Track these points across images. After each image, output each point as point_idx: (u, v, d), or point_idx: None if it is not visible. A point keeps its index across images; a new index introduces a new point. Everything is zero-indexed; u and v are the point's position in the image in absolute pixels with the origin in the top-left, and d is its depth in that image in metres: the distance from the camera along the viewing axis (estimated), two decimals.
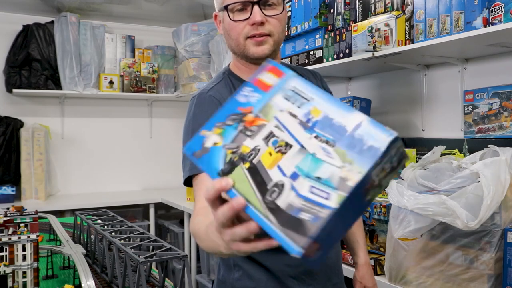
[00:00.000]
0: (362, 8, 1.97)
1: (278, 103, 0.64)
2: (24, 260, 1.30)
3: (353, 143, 0.57)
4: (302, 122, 0.61)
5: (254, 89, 0.67)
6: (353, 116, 0.59)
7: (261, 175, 0.60)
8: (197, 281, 3.31)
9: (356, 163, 0.56)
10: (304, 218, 0.55)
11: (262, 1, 1.08)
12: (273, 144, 0.62)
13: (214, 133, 0.66)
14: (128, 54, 3.78)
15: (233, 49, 1.16)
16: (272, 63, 0.69)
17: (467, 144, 1.80)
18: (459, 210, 1.23)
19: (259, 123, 0.64)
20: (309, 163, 0.58)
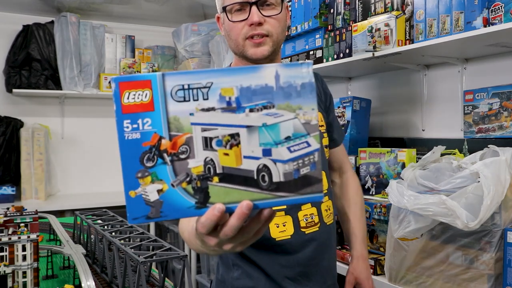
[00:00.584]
0: (362, 8, 1.97)
1: (180, 110, 0.57)
2: (24, 260, 1.30)
3: (287, 92, 0.58)
4: (225, 108, 0.57)
5: (134, 117, 0.57)
6: (265, 71, 0.58)
7: (238, 175, 0.58)
8: (197, 281, 3.31)
9: (304, 104, 0.58)
10: (305, 172, 0.58)
11: (260, 1, 1.08)
12: (219, 145, 0.58)
13: (145, 184, 0.57)
14: (128, 54, 3.78)
15: (233, 50, 1.17)
16: (120, 79, 0.57)
17: (467, 144, 1.80)
18: (459, 210, 1.23)
19: (183, 140, 0.57)
20: (268, 133, 0.58)
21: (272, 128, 0.58)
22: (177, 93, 0.57)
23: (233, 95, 0.57)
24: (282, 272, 1.15)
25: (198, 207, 0.58)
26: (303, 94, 0.58)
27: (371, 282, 1.32)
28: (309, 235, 1.16)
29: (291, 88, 0.58)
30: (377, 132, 2.33)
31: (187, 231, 0.84)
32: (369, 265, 1.36)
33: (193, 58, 3.61)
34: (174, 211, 0.58)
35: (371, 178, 1.93)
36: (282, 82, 0.58)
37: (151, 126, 0.57)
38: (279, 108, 0.58)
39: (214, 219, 0.57)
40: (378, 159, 1.91)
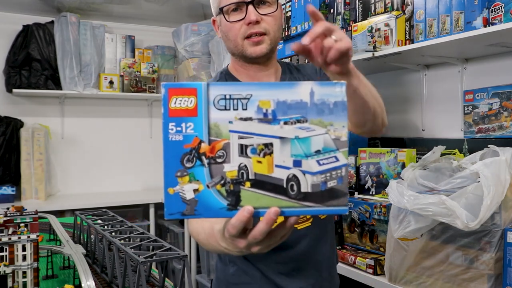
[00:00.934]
0: (362, 8, 1.97)
1: (221, 117, 0.61)
2: (24, 260, 1.30)
3: (320, 109, 0.62)
4: (261, 119, 0.62)
5: (178, 121, 0.62)
6: (301, 88, 0.62)
7: (268, 183, 0.62)
8: (197, 281, 3.31)
9: (335, 121, 0.62)
10: (332, 185, 0.63)
11: (256, 0, 1.09)
12: (253, 152, 0.62)
13: (183, 183, 0.62)
14: (128, 54, 3.78)
15: (231, 51, 1.17)
16: (170, 86, 0.62)
17: (467, 144, 1.80)
18: (459, 210, 1.23)
19: (221, 145, 0.62)
20: (300, 146, 0.62)
21: (303, 141, 0.62)
22: (219, 102, 0.62)
23: (269, 107, 0.62)
24: (276, 268, 1.16)
25: (229, 209, 0.62)
26: (335, 112, 0.62)
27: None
28: (302, 231, 1.16)
29: (324, 105, 0.62)
30: None
31: (204, 233, 0.87)
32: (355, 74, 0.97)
33: (193, 58, 3.61)
34: (207, 211, 0.62)
35: (371, 178, 1.93)
36: (316, 99, 0.62)
37: (193, 130, 0.62)
38: (312, 123, 0.62)
39: (244, 220, 0.61)
40: (378, 159, 1.91)
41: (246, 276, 1.18)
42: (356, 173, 2.01)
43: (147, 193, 3.74)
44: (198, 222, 0.95)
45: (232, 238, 0.67)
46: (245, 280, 1.18)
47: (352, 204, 1.82)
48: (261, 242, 0.66)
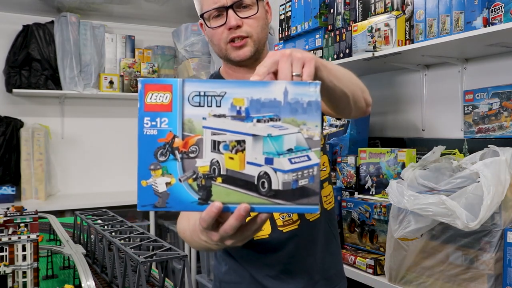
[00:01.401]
0: (362, 8, 1.97)
1: (195, 113, 0.62)
2: (24, 260, 1.30)
3: (294, 108, 0.63)
4: (235, 116, 0.62)
5: (154, 115, 0.63)
6: (274, 87, 0.63)
7: (240, 179, 0.63)
8: (197, 281, 3.31)
9: (308, 121, 0.63)
10: (303, 184, 0.63)
11: (235, 4, 1.09)
12: (225, 149, 0.63)
13: (156, 176, 0.63)
14: (128, 54, 3.78)
15: (218, 54, 1.18)
16: (146, 81, 0.63)
17: (467, 144, 1.80)
18: (459, 210, 1.23)
19: (194, 140, 0.63)
20: (272, 144, 0.63)
21: (276, 139, 0.63)
22: (194, 98, 0.62)
23: (243, 105, 0.62)
24: (263, 270, 1.16)
25: (200, 203, 0.63)
26: (308, 111, 0.63)
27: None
28: (288, 233, 1.15)
29: (298, 105, 0.63)
30: (377, 132, 2.33)
31: (188, 230, 0.89)
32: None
33: (193, 58, 3.61)
34: (179, 204, 0.63)
35: (371, 178, 1.93)
36: (290, 98, 0.63)
37: (168, 125, 0.63)
38: (285, 122, 0.63)
39: (212, 215, 0.63)
40: (378, 159, 1.91)
41: (237, 276, 1.19)
42: (356, 173, 2.01)
43: None
44: (185, 220, 0.97)
45: (205, 231, 0.68)
46: (235, 280, 1.19)
47: (352, 204, 1.82)
48: (233, 236, 0.67)
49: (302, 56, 0.75)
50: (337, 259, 1.26)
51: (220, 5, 1.08)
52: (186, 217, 0.99)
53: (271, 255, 1.16)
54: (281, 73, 0.73)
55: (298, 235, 1.16)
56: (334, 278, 1.24)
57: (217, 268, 1.25)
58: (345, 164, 2.06)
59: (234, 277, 1.19)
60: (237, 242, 0.70)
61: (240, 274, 1.18)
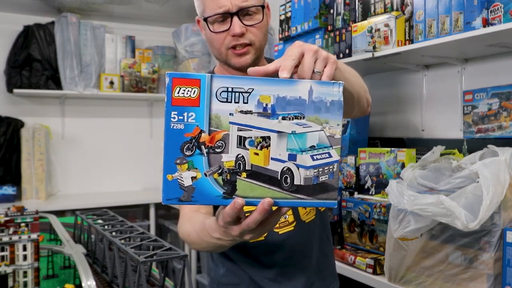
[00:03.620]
0: (361, 9, 1.97)
1: (222, 109, 0.63)
2: (25, 260, 1.30)
3: (317, 106, 0.65)
4: (261, 113, 0.64)
5: (181, 110, 0.63)
6: (300, 85, 0.65)
7: (264, 174, 0.65)
8: (197, 281, 3.31)
9: (330, 119, 0.66)
10: (323, 180, 0.66)
11: (241, 12, 1.07)
12: (251, 145, 0.64)
13: (182, 170, 0.63)
14: (129, 55, 3.78)
15: (216, 56, 1.17)
16: (174, 75, 0.63)
17: (467, 144, 1.81)
18: (458, 210, 1.23)
19: (220, 136, 0.64)
20: (296, 141, 0.65)
21: (300, 137, 0.65)
22: (221, 94, 0.63)
23: (269, 102, 0.64)
24: (261, 273, 1.17)
25: (225, 197, 0.65)
26: (331, 110, 0.66)
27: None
28: (283, 235, 1.15)
29: (322, 104, 0.65)
30: (377, 132, 2.33)
31: (194, 231, 0.90)
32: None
33: (193, 58, 3.62)
34: (204, 198, 0.64)
35: (371, 178, 1.94)
36: (314, 97, 0.65)
37: (195, 119, 0.63)
38: (309, 120, 0.66)
39: (236, 210, 0.65)
40: (378, 159, 1.91)
41: (235, 277, 1.19)
42: (356, 173, 2.01)
43: (147, 193, 3.74)
44: (189, 224, 0.98)
45: (226, 225, 0.70)
46: (234, 281, 1.19)
47: (352, 204, 1.82)
48: (254, 230, 0.69)
49: (327, 56, 0.76)
50: (330, 260, 1.27)
51: (225, 10, 1.06)
52: (188, 220, 1.00)
53: (267, 257, 1.16)
54: (304, 67, 0.73)
55: (293, 236, 1.16)
56: (328, 278, 1.26)
57: (214, 270, 1.25)
58: (345, 164, 2.07)
59: (233, 279, 1.19)
60: (255, 236, 0.72)
61: (238, 275, 1.19)
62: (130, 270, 1.30)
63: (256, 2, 1.09)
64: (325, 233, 1.26)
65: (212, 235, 0.78)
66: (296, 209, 1.17)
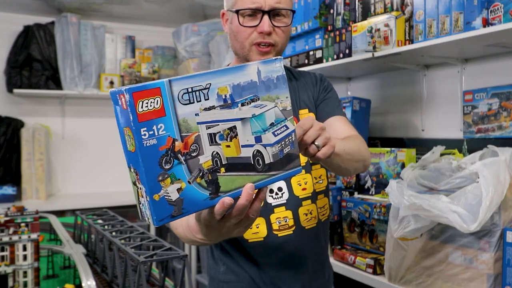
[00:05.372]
0: (361, 9, 1.97)
1: (187, 112, 0.62)
2: (25, 260, 1.31)
3: (267, 85, 0.69)
4: (222, 105, 0.65)
5: (149, 124, 0.59)
6: (250, 69, 0.68)
7: (239, 163, 0.67)
8: (197, 280, 3.31)
9: (280, 94, 0.70)
10: (287, 151, 0.71)
11: (272, 12, 1.10)
12: (221, 139, 0.65)
13: (166, 186, 0.61)
14: (129, 55, 3.78)
15: (236, 51, 1.18)
16: (133, 89, 0.59)
17: (467, 144, 1.81)
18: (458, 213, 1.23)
19: (192, 139, 0.63)
20: (257, 123, 0.68)
21: (259, 118, 0.68)
22: (183, 96, 0.62)
23: (227, 92, 0.65)
24: (259, 274, 1.17)
25: (212, 198, 0.65)
26: (278, 86, 0.70)
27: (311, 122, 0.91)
28: (282, 238, 1.15)
29: (270, 81, 0.69)
30: (377, 132, 2.33)
31: (181, 227, 0.91)
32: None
33: (193, 58, 3.62)
34: (193, 205, 0.64)
35: (371, 178, 1.94)
36: (263, 77, 0.69)
37: (165, 130, 0.61)
38: (263, 100, 0.69)
39: (225, 209, 0.66)
40: (378, 159, 1.91)
41: (235, 276, 1.19)
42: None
43: None
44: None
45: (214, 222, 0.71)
46: (234, 279, 1.19)
47: (352, 204, 1.82)
48: (240, 223, 0.71)
49: (329, 137, 0.88)
50: (325, 270, 1.28)
51: (257, 7, 1.09)
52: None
53: (265, 259, 1.16)
54: (307, 133, 0.83)
55: (292, 241, 1.16)
56: (325, 283, 1.26)
57: (215, 268, 1.25)
58: None
59: (233, 277, 1.19)
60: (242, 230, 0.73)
61: (238, 274, 1.19)
62: (130, 270, 1.30)
63: (288, 6, 1.13)
64: (324, 243, 1.26)
65: (195, 235, 0.79)
66: (296, 213, 1.17)
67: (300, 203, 1.18)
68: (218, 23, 3.71)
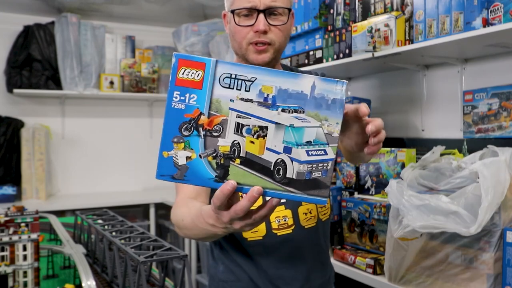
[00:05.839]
0: (361, 9, 1.97)
1: (223, 94, 0.64)
2: (25, 260, 1.31)
3: (318, 103, 0.65)
4: (261, 103, 0.64)
5: (183, 90, 0.64)
6: (304, 80, 0.65)
7: (257, 163, 0.66)
8: (197, 280, 3.31)
9: (330, 117, 0.66)
10: (316, 176, 0.66)
11: (268, 10, 1.10)
12: (248, 132, 0.65)
13: (178, 149, 0.64)
14: (129, 55, 3.78)
15: (235, 50, 1.19)
16: (180, 56, 0.64)
17: (467, 144, 1.81)
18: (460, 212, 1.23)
19: (219, 120, 0.64)
20: (293, 134, 0.66)
21: (297, 130, 0.66)
22: (224, 79, 0.64)
23: (271, 93, 0.64)
24: (258, 273, 1.17)
25: (216, 181, 0.65)
26: (332, 108, 0.65)
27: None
28: (281, 237, 1.16)
29: (323, 100, 0.65)
30: None
31: (189, 216, 0.90)
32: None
33: None
34: (196, 178, 0.65)
35: (371, 178, 1.94)
36: (316, 93, 0.65)
37: (196, 101, 0.64)
38: (308, 115, 0.65)
39: (226, 192, 0.64)
40: (377, 159, 1.91)
41: (235, 275, 1.20)
42: (356, 173, 2.01)
43: (147, 193, 3.75)
44: (185, 208, 0.98)
45: (217, 211, 0.70)
46: (233, 278, 1.20)
47: (352, 204, 1.82)
48: (243, 219, 0.69)
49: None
50: (326, 269, 1.27)
51: (252, 6, 1.09)
52: (185, 205, 0.99)
53: (264, 258, 1.17)
54: (379, 138, 0.83)
55: (291, 240, 1.16)
56: (325, 283, 1.26)
57: (215, 267, 1.26)
58: (345, 164, 2.07)
59: (232, 276, 1.20)
60: (245, 226, 0.71)
61: (237, 274, 1.19)
62: (130, 270, 1.30)
63: (284, 4, 1.12)
64: (324, 243, 1.26)
65: (207, 220, 0.79)
66: (295, 213, 1.17)
67: (299, 202, 1.18)
68: (218, 23, 3.71)
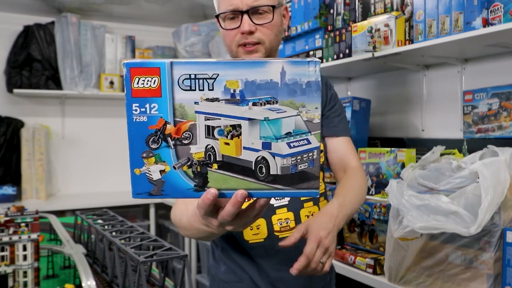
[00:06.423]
0: (362, 9, 1.97)
1: (186, 98, 0.59)
2: (25, 260, 1.31)
3: (292, 89, 0.59)
4: (229, 100, 0.59)
5: (142, 101, 0.59)
6: (271, 67, 0.59)
7: (236, 165, 0.61)
8: (197, 280, 3.31)
9: (307, 103, 0.59)
10: (303, 168, 0.61)
11: (251, 10, 1.09)
12: (220, 134, 0.61)
13: (149, 164, 0.60)
14: (129, 55, 3.78)
15: (229, 53, 1.20)
16: (132, 65, 0.59)
17: (467, 144, 1.81)
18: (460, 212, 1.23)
19: (186, 126, 0.60)
20: (270, 128, 0.61)
21: (273, 123, 0.60)
22: (184, 82, 0.58)
23: (237, 87, 0.59)
24: (260, 275, 1.17)
25: (196, 190, 0.61)
26: (308, 93, 0.59)
27: (323, 233, 1.00)
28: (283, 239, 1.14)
29: (296, 86, 0.59)
30: (377, 132, 2.33)
31: (186, 215, 0.88)
32: (332, 222, 1.03)
33: (193, 58, 3.62)
34: (174, 191, 0.61)
35: (371, 178, 1.94)
36: (288, 79, 0.59)
37: (158, 111, 0.59)
38: (282, 104, 0.60)
39: (208, 202, 0.62)
40: (377, 159, 1.91)
41: (236, 276, 1.20)
42: None
43: None
44: (183, 206, 0.96)
45: (204, 217, 0.68)
46: (234, 279, 1.20)
47: None
48: (233, 222, 0.67)
49: (332, 251, 0.99)
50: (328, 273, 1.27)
51: (235, 8, 1.09)
52: (183, 203, 0.98)
53: (265, 260, 1.16)
54: (314, 258, 0.96)
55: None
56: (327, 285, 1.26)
57: (216, 268, 1.26)
58: None
59: (234, 277, 1.20)
60: (237, 227, 0.69)
61: (239, 275, 1.20)
62: (130, 270, 1.30)
63: (267, 2, 1.10)
64: None
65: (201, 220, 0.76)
66: (298, 215, 1.17)
67: (301, 204, 1.18)
68: None
